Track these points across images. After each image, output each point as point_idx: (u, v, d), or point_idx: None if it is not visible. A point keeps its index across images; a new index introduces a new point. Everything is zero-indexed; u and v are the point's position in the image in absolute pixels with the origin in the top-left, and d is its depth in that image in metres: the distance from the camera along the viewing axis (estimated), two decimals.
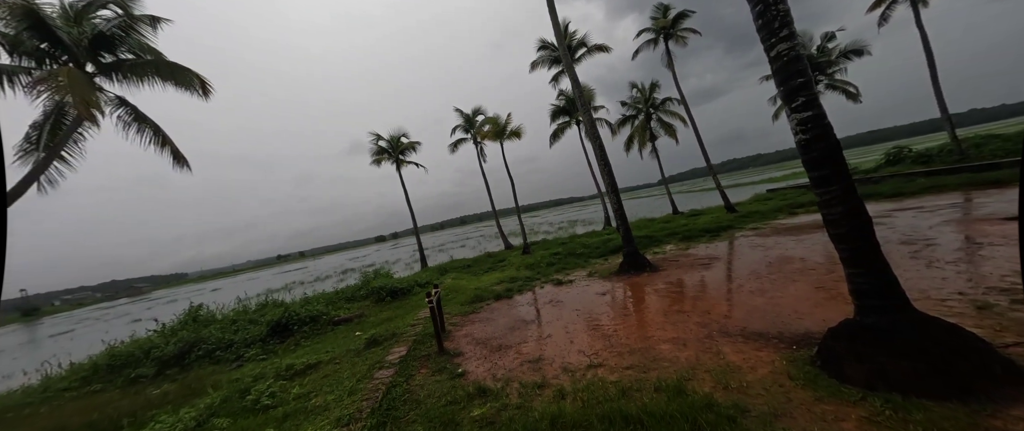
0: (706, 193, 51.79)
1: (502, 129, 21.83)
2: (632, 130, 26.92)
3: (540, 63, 23.07)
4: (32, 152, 10.30)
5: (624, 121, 27.42)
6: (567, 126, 27.36)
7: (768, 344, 4.45)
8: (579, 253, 14.24)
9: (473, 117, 25.59)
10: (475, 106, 25.45)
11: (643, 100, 26.07)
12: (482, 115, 25.27)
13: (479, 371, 5.10)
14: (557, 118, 27.22)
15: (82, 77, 9.04)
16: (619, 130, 27.70)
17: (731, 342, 4.67)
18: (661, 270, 9.60)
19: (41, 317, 79.22)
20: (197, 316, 11.45)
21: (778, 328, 4.86)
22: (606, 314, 6.82)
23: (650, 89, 25.69)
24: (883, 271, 3.33)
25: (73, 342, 23.18)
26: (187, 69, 11.36)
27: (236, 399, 5.01)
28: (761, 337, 4.68)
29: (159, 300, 60.06)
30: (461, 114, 25.73)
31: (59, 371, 9.97)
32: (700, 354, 4.46)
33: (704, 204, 27.84)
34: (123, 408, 5.73)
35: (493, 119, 22.14)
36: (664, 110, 25.68)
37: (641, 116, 26.48)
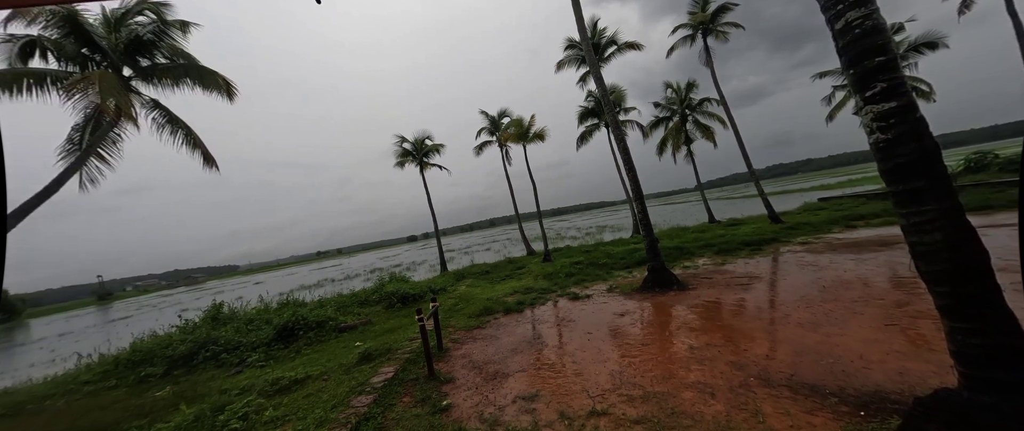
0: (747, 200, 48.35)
1: (525, 131, 21.19)
2: (665, 133, 25.38)
3: (567, 63, 22.22)
4: (74, 152, 10.88)
5: (657, 123, 25.92)
6: (595, 129, 26.27)
7: (824, 404, 3.46)
8: (602, 263, 13.27)
9: (498, 119, 25.15)
10: (501, 108, 25.01)
11: (678, 101, 24.49)
12: (508, 117, 24.77)
13: (466, 406, 4.45)
14: (585, 120, 26.20)
15: (114, 80, 9.39)
16: (651, 133, 26.24)
17: (774, 396, 3.72)
18: (691, 289, 8.52)
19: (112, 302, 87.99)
20: (217, 315, 11.66)
21: (837, 380, 3.84)
22: (621, 341, 5.95)
23: (686, 89, 24.09)
24: (1006, 330, 2.33)
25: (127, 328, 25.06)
26: (214, 72, 11.68)
27: (207, 418, 4.69)
28: (814, 392, 3.69)
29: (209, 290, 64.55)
30: (486, 116, 25.37)
31: (90, 361, 10.45)
32: (732, 411, 3.55)
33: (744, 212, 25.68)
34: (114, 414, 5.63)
35: (517, 121, 21.56)
36: (701, 111, 23.98)
37: (675, 118, 24.90)
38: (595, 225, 48.89)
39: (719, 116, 23.24)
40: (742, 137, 19.30)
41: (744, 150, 19.30)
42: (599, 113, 25.50)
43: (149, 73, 10.86)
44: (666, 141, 25.26)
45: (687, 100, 24.16)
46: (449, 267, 24.37)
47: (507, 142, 23.11)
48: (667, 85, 25.04)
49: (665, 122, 25.66)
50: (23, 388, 9.12)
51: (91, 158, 10.04)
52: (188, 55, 11.63)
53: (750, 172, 19.58)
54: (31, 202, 7.88)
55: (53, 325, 42.44)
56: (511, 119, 23.47)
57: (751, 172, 19.51)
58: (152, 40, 10.64)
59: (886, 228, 12.19)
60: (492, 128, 25.35)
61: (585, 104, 25.70)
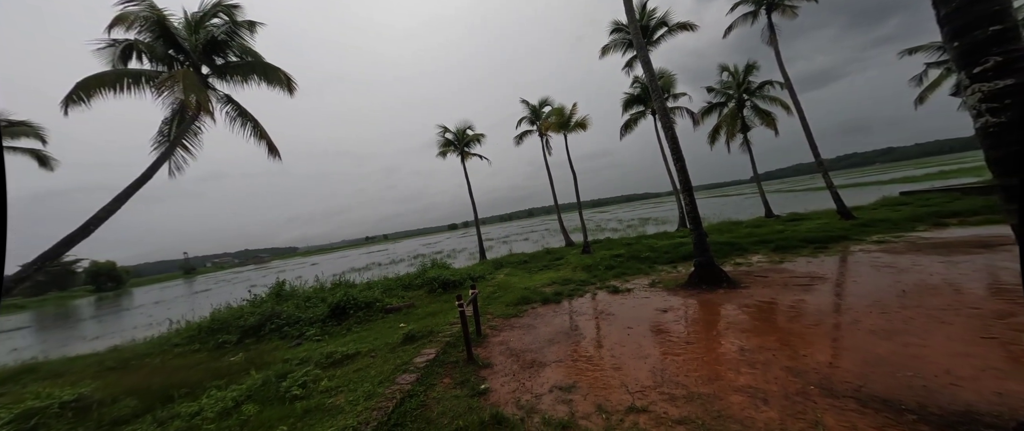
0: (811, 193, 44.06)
1: (566, 120, 20.74)
2: (719, 120, 23.68)
3: (612, 47, 21.32)
4: (164, 143, 12.32)
5: (710, 110, 24.23)
6: (641, 116, 25.14)
7: (899, 421, 3.11)
8: (644, 257, 12.80)
9: (539, 108, 24.84)
10: (542, 97, 24.67)
11: (734, 85, 22.67)
12: (549, 106, 24.40)
13: (503, 391, 4.55)
14: (630, 107, 25.15)
15: (194, 77, 10.44)
16: (703, 120, 24.59)
17: (837, 407, 3.40)
18: (743, 287, 7.98)
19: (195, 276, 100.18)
20: (280, 292, 12.82)
21: (917, 396, 3.42)
22: (664, 337, 5.73)
23: (744, 71, 22.20)
24: None
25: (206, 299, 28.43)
26: (277, 68, 12.57)
27: (273, 383, 5.21)
28: (887, 406, 3.32)
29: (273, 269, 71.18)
30: (527, 105, 25.14)
31: (178, 327, 12.00)
32: (787, 419, 3.30)
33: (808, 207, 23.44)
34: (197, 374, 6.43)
35: (558, 110, 21.15)
36: (761, 96, 22.03)
37: (731, 103, 23.10)
38: (637, 217, 47.17)
39: (782, 101, 21.22)
40: (808, 123, 17.49)
41: (811, 138, 17.49)
42: (645, 100, 24.32)
43: (223, 70, 11.94)
44: (719, 129, 23.57)
45: (745, 84, 22.27)
46: (488, 255, 24.81)
47: (548, 131, 22.81)
48: (722, 68, 23.22)
49: (719, 108, 23.91)
50: (128, 347, 10.69)
51: (177, 148, 11.31)
52: (254, 53, 12.62)
53: (817, 162, 17.75)
54: (131, 187, 9.05)
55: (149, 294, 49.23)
56: (552, 108, 23.09)
57: (818, 162, 17.68)
58: (225, 40, 11.66)
59: (988, 228, 10.54)
60: (533, 117, 25.10)
61: (630, 91, 24.63)
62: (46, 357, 11.80)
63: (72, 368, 9.34)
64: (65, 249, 7.86)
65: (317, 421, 4.04)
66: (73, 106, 9.53)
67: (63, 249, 7.85)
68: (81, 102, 9.57)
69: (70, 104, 9.45)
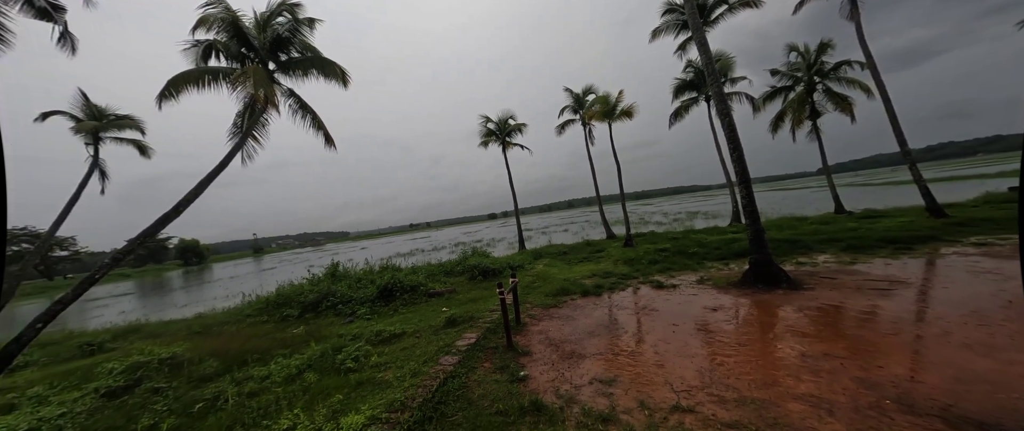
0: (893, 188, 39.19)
1: (611, 108, 19.99)
2: (784, 105, 21.62)
3: (664, 30, 20.07)
4: (237, 134, 13.58)
5: (773, 94, 22.19)
6: (693, 103, 23.63)
7: None
8: (692, 252, 12.15)
9: (583, 97, 24.19)
10: (586, 85, 23.98)
11: (804, 66, 20.49)
12: (593, 94, 23.68)
13: (542, 379, 4.58)
14: (681, 94, 23.72)
15: (262, 73, 11.35)
16: (765, 106, 22.58)
17: (920, 426, 3.03)
18: (805, 288, 7.31)
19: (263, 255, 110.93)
20: (335, 272, 13.81)
21: (1021, 422, 2.95)
22: (713, 337, 5.43)
23: (817, 51, 19.98)
24: None
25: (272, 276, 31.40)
26: (334, 63, 13.30)
27: (330, 355, 5.67)
28: (983, 430, 2.90)
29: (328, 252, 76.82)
30: (570, 94, 24.59)
31: (250, 299, 13.38)
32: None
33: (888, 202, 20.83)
34: (267, 342, 7.16)
35: (603, 98, 20.42)
36: (835, 78, 19.73)
37: (799, 87, 20.97)
38: (684, 211, 44.74)
39: (861, 83, 18.85)
40: (894, 108, 15.40)
41: (896, 124, 15.42)
42: (698, 85, 22.80)
43: (286, 66, 12.86)
44: (784, 115, 21.52)
45: (817, 65, 20.03)
46: (526, 245, 24.90)
47: (591, 120, 22.17)
48: (790, 48, 21.06)
49: (784, 93, 21.79)
50: (210, 315, 12.13)
51: (248, 139, 12.43)
52: (314, 49, 13.43)
53: (902, 152, 15.63)
54: (211, 174, 10.11)
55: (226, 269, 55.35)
56: (596, 96, 22.38)
57: (904, 152, 15.57)
58: (288, 37, 12.51)
59: None
60: (576, 106, 24.52)
61: (682, 76, 23.19)
62: (147, 320, 13.75)
63: (167, 330, 10.80)
64: (161, 227, 9.02)
65: (368, 393, 4.34)
66: (165, 101, 10.77)
67: (159, 227, 9.01)
68: (171, 97, 10.79)
69: (163, 99, 10.69)
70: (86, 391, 5.30)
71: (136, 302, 26.90)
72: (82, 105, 18.33)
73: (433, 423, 3.62)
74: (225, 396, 4.61)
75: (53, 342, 10.76)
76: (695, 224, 25.33)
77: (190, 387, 5.20)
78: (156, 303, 24.96)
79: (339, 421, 3.60)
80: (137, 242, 8.69)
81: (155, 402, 4.74)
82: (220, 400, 4.54)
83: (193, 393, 4.92)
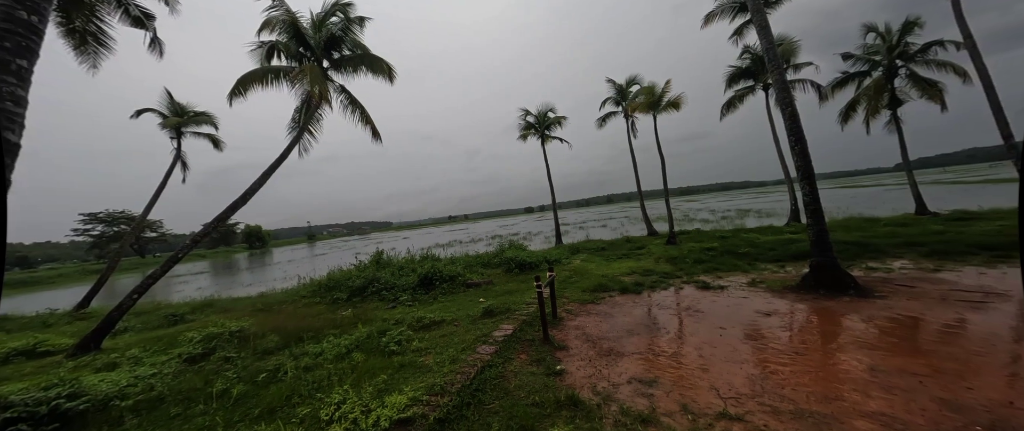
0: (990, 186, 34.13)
1: (657, 99, 19.07)
2: (858, 93, 19.47)
3: (719, 14, 18.71)
4: (295, 129, 14.61)
5: (844, 81, 20.04)
6: (749, 92, 21.98)
7: None
8: (742, 252, 11.38)
9: (626, 88, 23.33)
10: (630, 76, 23.07)
11: (884, 48, 18.25)
12: (637, 85, 22.75)
13: (579, 375, 4.53)
14: (735, 83, 22.14)
15: (318, 71, 12.09)
16: (834, 94, 20.47)
17: None
18: (877, 296, 6.59)
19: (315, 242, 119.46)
20: (379, 260, 14.55)
21: None
22: (765, 343, 5.06)
23: (901, 31, 17.71)
24: None
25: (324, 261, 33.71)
26: (381, 59, 13.84)
27: (375, 337, 5.99)
28: None
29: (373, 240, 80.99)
30: (613, 85, 23.82)
31: (304, 282, 14.49)
32: None
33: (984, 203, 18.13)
34: (319, 322, 7.72)
35: (648, 88, 19.53)
36: (923, 61, 17.39)
37: (877, 72, 18.74)
38: (734, 208, 41.91)
39: (955, 66, 16.46)
40: (998, 95, 13.29)
41: (1000, 114, 13.31)
42: (756, 73, 21.13)
43: (339, 63, 13.58)
44: (856, 104, 19.37)
45: (900, 47, 17.74)
46: (563, 240, 24.65)
47: (635, 112, 21.35)
48: (868, 28, 18.82)
49: (858, 78, 19.59)
50: (271, 294, 13.28)
51: (305, 133, 13.33)
52: (363, 46, 14.04)
53: (1007, 145, 13.49)
54: (273, 165, 10.97)
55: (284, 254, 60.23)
56: (641, 87, 21.46)
57: (1009, 145, 13.42)
58: (340, 36, 13.18)
59: None
60: (619, 97, 23.71)
61: (737, 63, 21.60)
62: (218, 296, 15.35)
63: (235, 306, 11.97)
64: (231, 213, 9.97)
65: (410, 375, 4.54)
66: (235, 98, 11.80)
67: (229, 213, 9.96)
68: (240, 95, 11.80)
69: (233, 97, 11.71)
70: (172, 356, 6.04)
71: (210, 280, 30.12)
72: (168, 103, 20.63)
73: (471, 409, 3.71)
74: (284, 369, 5.03)
75: (145, 311, 12.35)
76: (746, 223, 23.66)
77: (255, 358, 5.74)
78: (226, 281, 27.78)
79: (384, 399, 3.80)
80: (211, 226, 9.68)
81: (227, 369, 5.29)
82: (280, 372, 4.97)
83: (257, 364, 5.43)
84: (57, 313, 14.07)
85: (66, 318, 13.27)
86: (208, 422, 3.89)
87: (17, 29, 3.02)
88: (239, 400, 4.34)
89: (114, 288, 25.04)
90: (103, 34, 11.06)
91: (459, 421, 3.52)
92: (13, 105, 2.98)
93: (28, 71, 3.10)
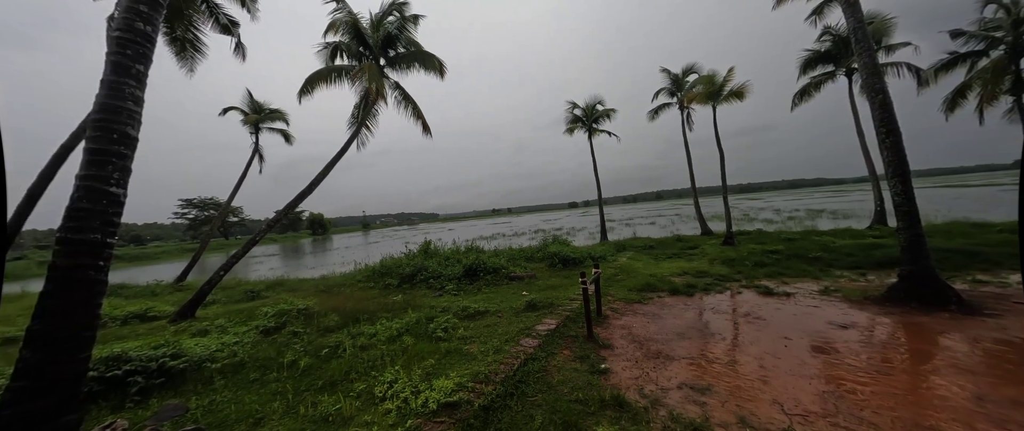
0: None
1: (718, 89, 17.68)
2: (970, 76, 16.63)
3: None
4: (354, 125, 15.58)
5: (952, 63, 17.19)
6: (828, 79, 19.71)
7: None
8: (813, 257, 10.30)
9: (683, 78, 21.94)
10: (687, 64, 21.65)
11: (1009, 23, 15.33)
12: (694, 74, 21.29)
13: (624, 375, 4.40)
14: (811, 68, 19.94)
15: (375, 69, 12.77)
16: (937, 79, 17.63)
17: None
18: (986, 314, 5.63)
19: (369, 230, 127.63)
20: (427, 249, 15.17)
21: None
22: (841, 359, 4.55)
23: None
24: None
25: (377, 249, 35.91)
26: (433, 55, 14.27)
27: (423, 323, 6.27)
28: None
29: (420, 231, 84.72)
30: (668, 75, 22.52)
31: (360, 267, 15.53)
32: None
33: None
34: (373, 305, 8.26)
35: (708, 77, 18.16)
36: None
37: (998, 50, 15.83)
38: (803, 208, 37.93)
39: None
40: None
41: None
42: (837, 57, 18.85)
43: (394, 61, 14.22)
44: (967, 90, 16.55)
45: None
46: (609, 237, 23.96)
47: (691, 103, 20.03)
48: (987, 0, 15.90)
49: (972, 60, 16.69)
50: (332, 277, 14.39)
51: (363, 128, 14.18)
52: (416, 43, 14.56)
53: None
54: (334, 158, 11.80)
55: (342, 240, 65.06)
56: (699, 76, 20.04)
57: None
58: (396, 34, 13.77)
59: None
60: (673, 88, 22.38)
61: (814, 46, 19.40)
62: (287, 277, 16.97)
63: (301, 286, 13.17)
64: (298, 202, 10.92)
65: (456, 361, 4.70)
66: (303, 96, 12.83)
67: (297, 202, 10.91)
68: (307, 93, 12.81)
69: (302, 95, 12.74)
70: (250, 327, 6.80)
71: (279, 261, 33.42)
72: (248, 102, 22.98)
73: (514, 400, 3.76)
74: (343, 346, 5.46)
75: (228, 286, 14.01)
76: (818, 224, 21.34)
77: (318, 335, 6.29)
78: (293, 264, 30.65)
79: (432, 383, 3.97)
80: (283, 213, 10.67)
81: (295, 343, 5.86)
82: (339, 349, 5.40)
83: (320, 340, 5.94)
84: (162, 284, 16.45)
85: (169, 289, 15.47)
86: (280, 388, 4.33)
87: (136, 38, 3.52)
88: (305, 371, 4.79)
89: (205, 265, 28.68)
90: (198, 41, 12.53)
91: (503, 410, 3.58)
92: (133, 104, 3.49)
93: (144, 75, 3.61)
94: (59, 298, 2.98)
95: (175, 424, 3.69)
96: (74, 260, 3.06)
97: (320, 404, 3.85)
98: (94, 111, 3.38)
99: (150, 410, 3.99)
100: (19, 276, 30.94)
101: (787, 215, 30.43)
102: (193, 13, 12.31)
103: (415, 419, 3.40)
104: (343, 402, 3.82)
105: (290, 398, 4.07)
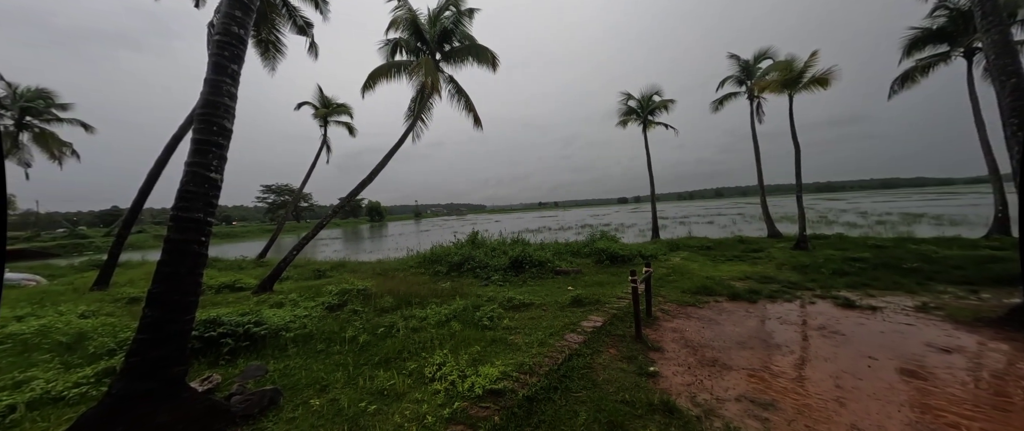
0: None
1: (797, 75, 15.80)
2: None
3: None
4: (411, 117, 16.30)
5: None
6: (941, 60, 16.83)
7: None
8: (909, 268, 8.96)
9: (754, 64, 20.01)
10: (759, 49, 19.68)
11: None
12: (769, 59, 19.31)
13: (675, 380, 4.19)
14: (918, 50, 17.17)
15: (431, 63, 13.21)
16: None
17: None
18: None
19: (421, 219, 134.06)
20: (474, 240, 15.57)
21: None
22: (941, 387, 3.93)
23: None
24: None
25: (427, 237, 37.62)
26: (486, 49, 14.43)
27: (470, 311, 6.47)
28: None
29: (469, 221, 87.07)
30: (737, 61, 20.66)
31: (412, 253, 16.37)
32: None
33: None
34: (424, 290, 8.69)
35: (784, 63, 16.30)
36: None
37: None
38: (898, 210, 32.99)
39: None
40: None
41: None
42: (954, 35, 16.00)
43: (449, 55, 14.60)
44: None
45: None
46: (661, 235, 22.79)
47: (763, 92, 18.19)
48: None
49: None
50: (386, 261, 15.33)
51: (418, 121, 14.79)
52: (471, 37, 14.79)
53: None
54: (392, 150, 12.45)
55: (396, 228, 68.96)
56: (773, 62, 18.10)
57: None
58: (452, 29, 14.11)
59: None
60: (742, 75, 20.50)
61: (924, 23, 16.61)
62: (348, 259, 18.41)
63: (361, 268, 14.19)
64: (360, 190, 11.73)
65: (501, 350, 4.80)
66: (366, 91, 13.66)
67: (359, 190, 11.72)
68: (370, 88, 13.61)
69: (365, 90, 13.57)
70: (317, 303, 7.50)
71: (342, 245, 36.34)
72: (318, 97, 25.01)
73: (558, 393, 3.76)
74: (397, 327, 5.82)
75: (299, 265, 15.54)
76: (915, 231, 18.46)
77: (375, 314, 6.77)
78: (353, 247, 33.18)
79: (478, 369, 4.10)
80: (346, 200, 11.53)
81: (355, 320, 6.36)
82: (394, 329, 5.77)
83: (377, 319, 6.39)
84: (247, 260, 18.70)
85: (252, 264, 17.53)
86: (342, 361, 4.74)
87: (232, 41, 3.98)
88: (364, 347, 5.18)
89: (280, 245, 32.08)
90: (279, 42, 13.81)
91: (546, 402, 3.60)
92: (229, 100, 3.97)
93: (238, 73, 4.08)
94: (172, 266, 3.51)
95: (257, 383, 4.20)
96: (183, 235, 3.58)
97: (376, 378, 4.15)
98: (198, 106, 3.89)
99: (237, 369, 4.58)
100: (140, 246, 36.99)
101: (875, 219, 26.69)
102: (275, 16, 13.61)
103: (462, 402, 3.53)
104: (396, 379, 4.09)
105: (350, 370, 4.44)
